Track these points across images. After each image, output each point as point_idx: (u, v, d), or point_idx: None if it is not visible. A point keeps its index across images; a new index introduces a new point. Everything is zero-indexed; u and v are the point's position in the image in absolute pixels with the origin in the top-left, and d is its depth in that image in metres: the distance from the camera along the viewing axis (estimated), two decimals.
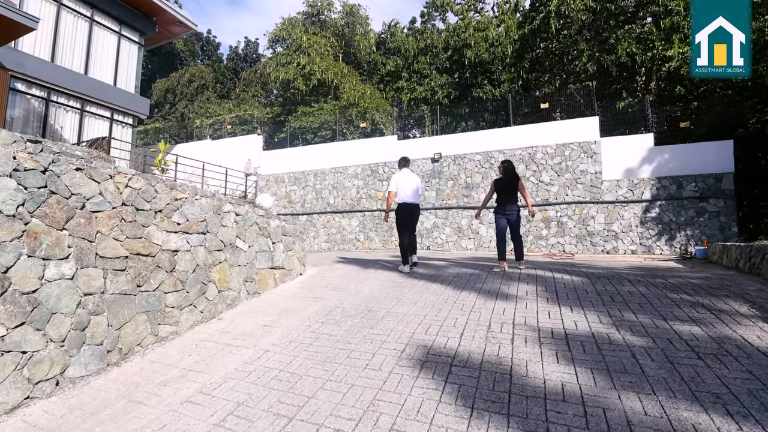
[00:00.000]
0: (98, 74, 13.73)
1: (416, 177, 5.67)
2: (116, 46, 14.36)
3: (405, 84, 19.93)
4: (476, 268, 5.87)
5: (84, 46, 13.32)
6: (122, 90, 14.38)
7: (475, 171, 12.23)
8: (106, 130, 13.96)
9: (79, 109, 13.13)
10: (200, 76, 33.46)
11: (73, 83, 12.72)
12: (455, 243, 12.21)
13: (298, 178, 15.65)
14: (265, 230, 4.91)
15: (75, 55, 13.09)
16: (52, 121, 12.52)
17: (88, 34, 13.38)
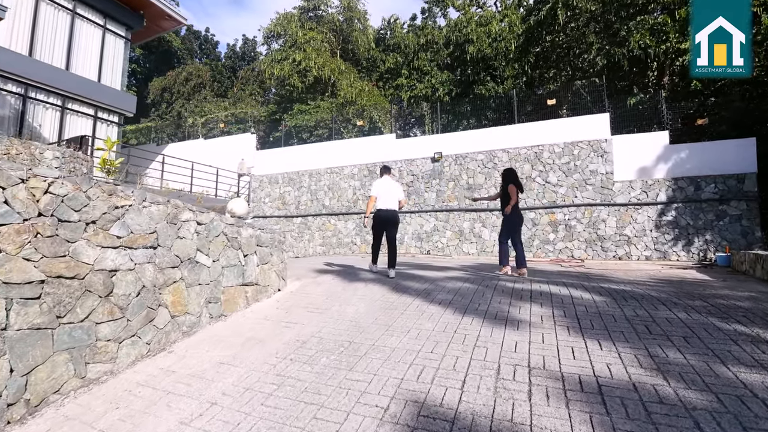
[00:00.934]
0: (81, 70, 13.08)
1: (397, 185, 5.80)
2: (101, 40, 13.70)
3: (405, 81, 19.25)
4: (479, 280, 5.19)
5: (65, 40, 12.66)
6: (107, 87, 13.73)
7: (477, 171, 11.55)
8: (89, 129, 13.34)
9: (59, 106, 12.47)
10: (197, 74, 32.83)
11: (53, 79, 12.06)
12: (456, 247, 11.53)
13: (293, 179, 15.00)
14: (234, 241, 4.24)
15: (55, 50, 12.42)
16: (30, 119, 11.88)
17: (69, 27, 12.72)
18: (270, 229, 5.02)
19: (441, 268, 7.18)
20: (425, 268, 7.21)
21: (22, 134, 11.44)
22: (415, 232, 12.21)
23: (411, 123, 19.57)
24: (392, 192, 5.62)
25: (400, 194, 5.72)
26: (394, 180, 5.91)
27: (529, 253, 10.45)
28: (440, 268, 7.39)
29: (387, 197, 5.58)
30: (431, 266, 7.70)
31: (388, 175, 5.82)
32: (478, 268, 7.56)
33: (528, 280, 5.20)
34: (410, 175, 12.61)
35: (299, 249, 14.52)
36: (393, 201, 5.61)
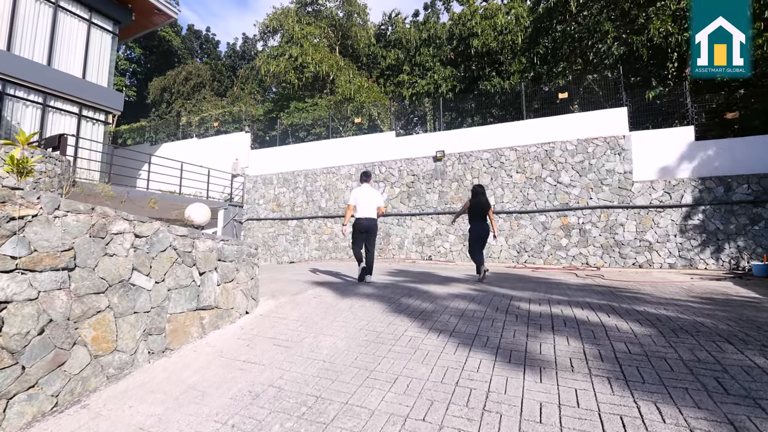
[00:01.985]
0: (64, 65, 12.40)
1: (376, 192, 5.77)
2: (86, 35, 13.02)
3: (406, 78, 18.47)
4: (488, 298, 4.39)
5: (47, 34, 11.97)
6: (92, 83, 13.05)
7: (483, 171, 10.74)
8: (73, 127, 12.68)
9: (40, 103, 11.81)
10: (197, 74, 32.29)
11: (33, 75, 11.38)
12: (461, 252, 10.72)
13: (288, 180, 14.27)
14: (187, 256, 3.48)
15: (36, 44, 11.75)
16: (8, 117, 11.23)
17: (52, 21, 12.06)
18: (238, 240, 4.26)
19: (443, 280, 6.39)
20: (425, 279, 6.42)
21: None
22: (416, 236, 11.43)
23: (413, 121, 18.79)
24: (371, 199, 5.60)
25: (379, 201, 5.69)
26: (373, 187, 5.86)
27: (540, 260, 9.63)
28: (442, 279, 6.60)
29: (365, 205, 5.56)
30: (432, 276, 6.91)
31: (367, 183, 5.77)
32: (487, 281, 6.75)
33: (546, 301, 4.39)
34: (411, 175, 11.83)
35: (294, 253, 13.80)
36: (371, 209, 5.58)
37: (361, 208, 5.59)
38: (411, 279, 6.42)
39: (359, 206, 5.60)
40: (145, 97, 31.60)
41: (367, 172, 6.01)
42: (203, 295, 3.59)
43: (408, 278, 6.54)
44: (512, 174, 10.27)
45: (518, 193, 10.12)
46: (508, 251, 10.06)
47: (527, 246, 9.80)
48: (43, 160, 7.71)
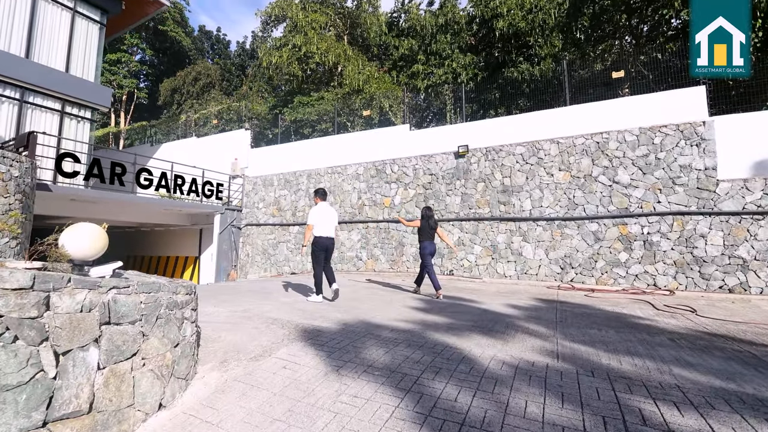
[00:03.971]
0: (44, 58, 11.11)
1: (334, 211, 5.77)
2: (69, 25, 11.76)
3: (421, 68, 16.72)
4: (581, 390, 2.63)
5: (25, 24, 10.72)
6: (77, 77, 11.73)
7: (515, 169, 8.92)
8: (55, 125, 11.42)
9: (17, 99, 10.57)
10: (206, 73, 31.43)
11: (8, 68, 10.16)
12: (489, 267, 8.92)
13: (289, 181, 12.72)
14: (29, 327, 1.85)
15: (13, 35, 10.51)
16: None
17: (30, 9, 10.82)
18: (153, 284, 2.62)
19: (466, 310, 4.65)
20: (455, 315, 4.68)
21: None
22: None
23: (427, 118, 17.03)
24: (330, 218, 5.60)
25: (335, 221, 5.72)
26: (330, 206, 5.88)
27: (590, 278, 7.75)
28: (466, 304, 4.87)
29: (325, 224, 5.52)
30: (463, 308, 5.16)
31: (324, 201, 5.75)
32: (528, 309, 4.94)
33: (677, 392, 2.61)
34: (428, 175, 10.09)
35: (296, 263, 12.22)
36: (331, 228, 5.58)
37: (321, 227, 5.49)
38: (435, 317, 4.69)
39: (318, 225, 5.50)
40: (157, 98, 30.84)
41: (323, 190, 5.92)
42: (63, 395, 1.94)
43: (431, 315, 4.80)
44: (553, 172, 8.43)
45: (561, 195, 8.27)
46: (548, 267, 8.21)
47: (574, 261, 7.94)
48: None
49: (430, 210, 6.64)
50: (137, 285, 2.60)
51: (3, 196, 6.37)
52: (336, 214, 5.80)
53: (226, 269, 13.59)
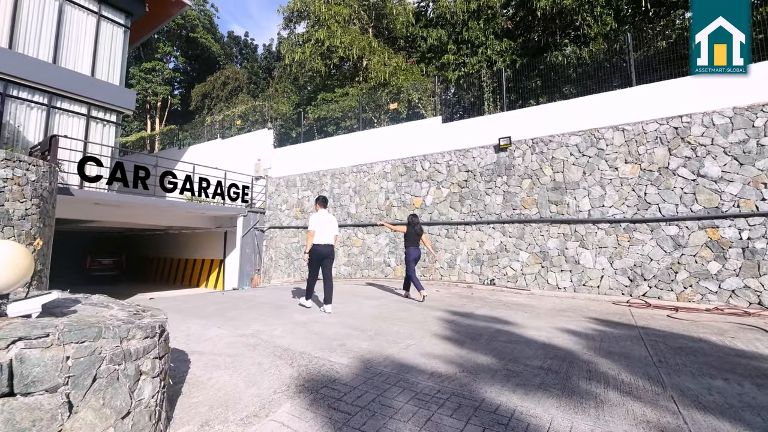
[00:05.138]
0: (71, 63, 10.95)
1: (334, 219, 5.69)
2: (95, 29, 11.61)
3: (452, 58, 15.57)
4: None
5: (52, 30, 10.59)
6: (102, 81, 11.54)
7: (569, 162, 7.66)
8: (81, 129, 11.26)
9: (45, 104, 10.46)
10: (234, 77, 31.80)
11: (37, 73, 9.99)
12: (537, 277, 7.71)
13: (312, 181, 11.97)
14: None
15: (41, 41, 10.39)
16: (10, 119, 9.90)
17: (57, 15, 10.67)
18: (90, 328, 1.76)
19: (521, 339, 3.55)
20: (490, 336, 3.61)
21: (0, 137, 9.52)
22: (472, 251, 8.56)
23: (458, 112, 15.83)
24: (330, 226, 5.54)
25: (335, 229, 5.62)
26: (330, 213, 5.89)
27: (669, 292, 6.40)
28: (520, 337, 3.77)
29: (325, 232, 5.46)
30: (503, 326, 4.07)
31: (324, 208, 5.71)
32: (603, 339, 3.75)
33: None
34: (464, 171, 8.99)
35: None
36: (330, 236, 5.51)
37: (320, 234, 5.41)
38: (485, 353, 3.63)
39: (319, 233, 5.41)
40: (189, 104, 31.47)
41: (324, 198, 5.84)
42: None
43: (478, 348, 3.75)
44: (617, 165, 7.11)
45: (628, 192, 6.94)
46: (613, 278, 6.90)
47: (647, 271, 6.60)
48: (9, 165, 5.91)
49: (415, 217, 6.97)
50: (62, 332, 1.75)
51: (19, 201, 5.98)
52: (336, 221, 5.72)
53: (250, 274, 13.03)
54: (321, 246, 5.39)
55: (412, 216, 6.97)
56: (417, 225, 6.84)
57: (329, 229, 5.49)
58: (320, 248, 5.39)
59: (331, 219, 5.62)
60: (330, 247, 5.48)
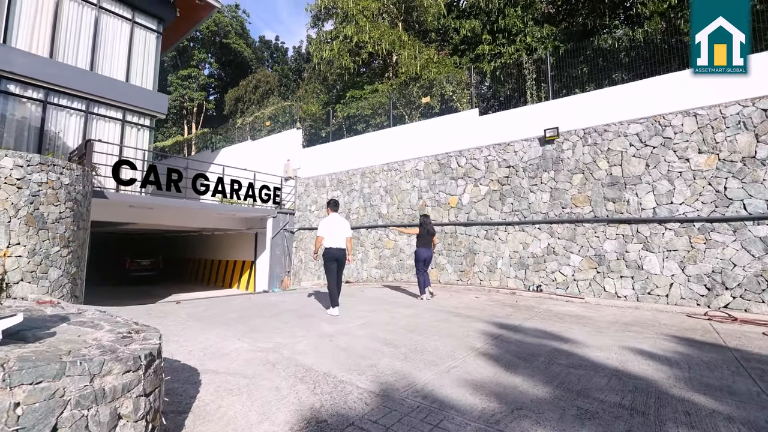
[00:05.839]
0: (107, 69, 11.21)
1: (345, 222, 5.61)
2: (129, 36, 11.86)
3: (487, 48, 14.73)
4: None
5: (89, 38, 10.85)
6: (136, 86, 11.76)
7: (629, 154, 6.76)
8: (117, 134, 11.52)
9: (83, 110, 10.75)
10: (265, 81, 32.36)
11: (75, 81, 10.21)
12: (592, 283, 6.86)
13: (342, 181, 11.59)
14: None
15: (80, 49, 10.62)
16: (52, 127, 10.23)
17: (94, 23, 10.94)
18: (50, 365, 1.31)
19: (584, 362, 2.86)
20: (547, 358, 2.94)
21: (42, 142, 9.86)
22: (515, 254, 7.80)
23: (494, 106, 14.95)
24: (340, 230, 5.43)
25: (347, 232, 5.50)
26: (341, 217, 5.66)
27: (761, 305, 5.40)
28: (583, 360, 3.07)
29: (335, 235, 5.38)
30: (561, 343, 3.37)
31: (335, 212, 5.63)
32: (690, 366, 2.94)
33: None
34: (504, 167, 8.25)
35: (350, 271, 11.03)
36: (341, 239, 5.41)
37: (330, 238, 5.36)
38: (544, 383, 2.99)
39: (328, 236, 5.37)
40: (223, 108, 32.36)
41: (335, 201, 5.82)
42: None
43: (535, 375, 3.10)
44: (689, 155, 6.16)
45: (704, 186, 5.97)
46: (686, 286, 5.96)
47: (729, 279, 5.62)
48: (44, 169, 5.93)
49: (427, 217, 7.00)
50: (10, 372, 1.34)
51: (54, 204, 5.98)
52: (348, 225, 5.61)
53: (280, 275, 12.86)
54: (333, 249, 5.36)
55: (424, 216, 6.99)
56: (429, 225, 6.85)
57: (340, 232, 5.43)
58: (332, 250, 5.37)
59: (342, 222, 5.54)
60: (342, 250, 5.42)
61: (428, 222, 6.89)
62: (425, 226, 6.81)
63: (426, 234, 6.79)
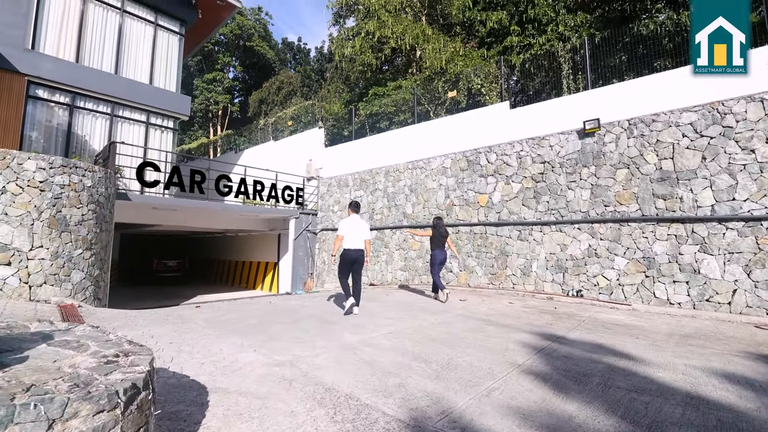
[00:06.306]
0: (131, 72, 11.33)
1: (365, 223, 5.67)
2: (152, 38, 11.96)
3: (516, 40, 14.07)
4: None
5: (114, 42, 11.00)
6: (160, 89, 11.86)
7: (682, 145, 6.09)
8: (141, 136, 11.65)
9: (108, 113, 10.92)
10: (288, 82, 32.63)
11: (101, 85, 10.38)
12: (640, 289, 6.22)
13: (365, 180, 11.27)
14: None
15: (104, 53, 10.80)
16: (78, 130, 10.43)
17: (118, 27, 11.08)
18: None
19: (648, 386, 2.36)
20: (603, 380, 2.45)
21: (69, 146, 10.04)
22: (552, 256, 7.23)
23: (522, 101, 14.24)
24: (359, 231, 5.51)
25: (366, 233, 5.57)
26: (361, 218, 5.73)
27: None
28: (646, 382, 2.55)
29: (354, 236, 5.45)
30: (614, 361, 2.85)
31: (356, 213, 5.68)
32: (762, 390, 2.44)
33: None
34: (538, 163, 7.68)
35: (374, 273, 10.69)
36: (359, 241, 5.47)
37: (349, 239, 5.40)
38: (607, 414, 2.51)
39: (348, 237, 5.41)
40: (248, 110, 32.84)
41: (357, 203, 5.85)
42: None
43: (592, 403, 2.62)
44: (754, 146, 5.45)
45: None
46: (753, 293, 5.26)
47: None
48: (66, 171, 5.90)
49: (440, 219, 7.02)
50: None
51: (76, 207, 5.92)
52: (367, 226, 5.67)
53: (303, 277, 12.68)
54: (351, 251, 5.41)
55: (437, 218, 7.03)
56: (442, 227, 6.91)
57: (359, 233, 5.47)
58: (350, 252, 5.41)
59: (361, 223, 5.57)
60: (360, 251, 5.45)
61: (441, 224, 6.94)
62: (438, 229, 6.87)
63: (439, 236, 6.83)
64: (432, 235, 6.94)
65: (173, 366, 2.96)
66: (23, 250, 5.06)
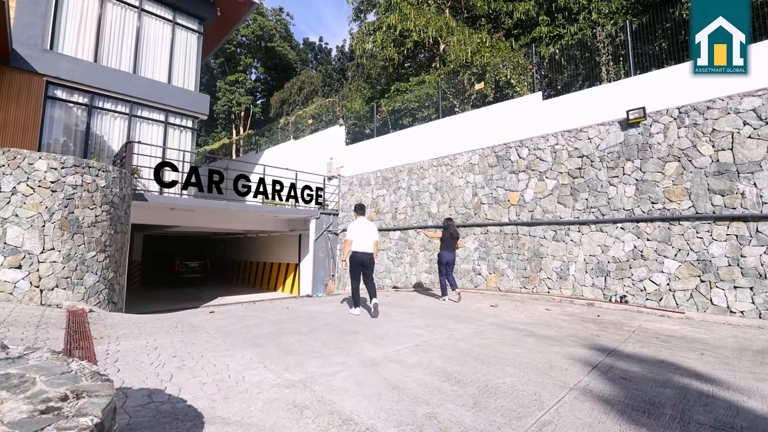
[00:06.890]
0: (150, 72, 11.28)
1: (373, 225, 5.72)
2: (170, 37, 11.91)
3: (545, 30, 13.35)
4: None
5: (132, 41, 10.97)
6: (178, 88, 11.79)
7: (742, 135, 5.37)
8: (160, 136, 11.62)
9: (126, 113, 10.91)
10: (309, 82, 32.63)
11: (119, 85, 10.38)
12: (695, 295, 5.53)
13: (387, 178, 10.85)
14: None
15: (123, 53, 10.78)
16: (97, 130, 10.45)
17: (136, 26, 11.09)
18: None
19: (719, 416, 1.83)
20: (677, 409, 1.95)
21: (87, 146, 10.07)
22: (592, 258, 6.59)
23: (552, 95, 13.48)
24: (368, 234, 5.56)
25: (375, 236, 5.61)
26: (369, 221, 5.83)
27: None
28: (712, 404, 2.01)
29: (363, 239, 5.51)
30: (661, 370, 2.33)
31: (363, 216, 5.78)
32: None
33: None
34: (575, 157, 7.05)
35: (398, 275, 10.26)
36: (369, 243, 5.52)
37: (358, 242, 5.46)
38: None
39: (357, 241, 5.47)
40: (269, 111, 33.07)
41: (362, 205, 5.86)
42: None
43: None
44: None
45: None
46: None
47: None
48: (78, 171, 5.76)
49: (451, 221, 7.08)
50: None
51: (89, 208, 5.75)
52: (375, 228, 5.68)
53: (323, 279, 12.38)
54: (359, 253, 5.45)
55: (448, 220, 7.09)
56: (452, 229, 6.97)
57: (368, 236, 5.52)
58: (359, 255, 5.46)
59: (369, 226, 5.64)
60: (369, 255, 5.50)
61: (452, 225, 7.00)
62: (449, 230, 6.93)
63: (449, 237, 6.88)
64: (442, 236, 6.98)
65: (171, 387, 2.62)
66: (34, 253, 4.89)
